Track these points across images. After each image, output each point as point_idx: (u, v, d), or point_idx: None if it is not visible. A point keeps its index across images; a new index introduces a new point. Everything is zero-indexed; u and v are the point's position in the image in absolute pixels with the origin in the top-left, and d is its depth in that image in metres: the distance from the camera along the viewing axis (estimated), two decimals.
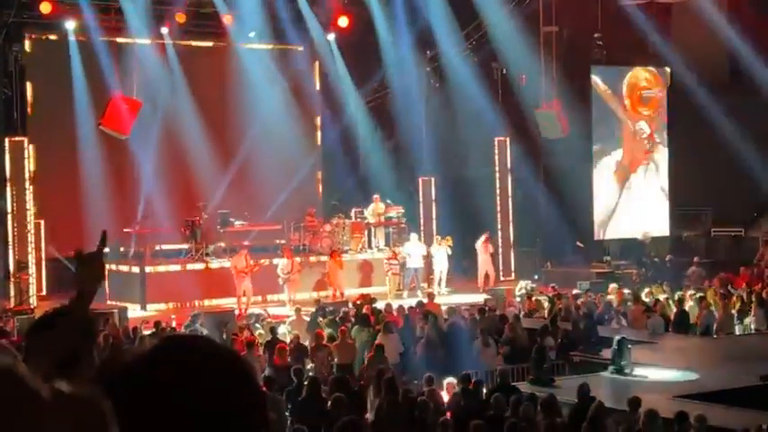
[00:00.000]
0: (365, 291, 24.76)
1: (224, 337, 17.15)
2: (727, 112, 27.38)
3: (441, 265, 26.18)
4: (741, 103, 27.44)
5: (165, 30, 26.93)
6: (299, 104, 29.65)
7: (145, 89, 25.04)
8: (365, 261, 26.73)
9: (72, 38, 25.91)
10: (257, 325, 19.39)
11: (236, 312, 21.54)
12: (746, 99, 27.47)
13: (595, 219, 29.08)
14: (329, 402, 12.01)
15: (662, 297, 22.08)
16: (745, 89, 27.76)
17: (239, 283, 23.18)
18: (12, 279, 23.47)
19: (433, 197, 29.32)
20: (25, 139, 24.60)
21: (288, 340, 17.01)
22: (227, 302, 23.24)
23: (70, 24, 25.67)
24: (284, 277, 23.82)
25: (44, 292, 24.92)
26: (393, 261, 25.53)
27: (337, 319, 18.73)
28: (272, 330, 17.65)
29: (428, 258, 26.43)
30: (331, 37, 29.43)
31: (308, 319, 19.19)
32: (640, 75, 29.74)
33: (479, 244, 26.81)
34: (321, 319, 18.94)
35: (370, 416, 12.58)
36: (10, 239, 23.83)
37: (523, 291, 23.68)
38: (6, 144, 24.14)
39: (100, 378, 1.70)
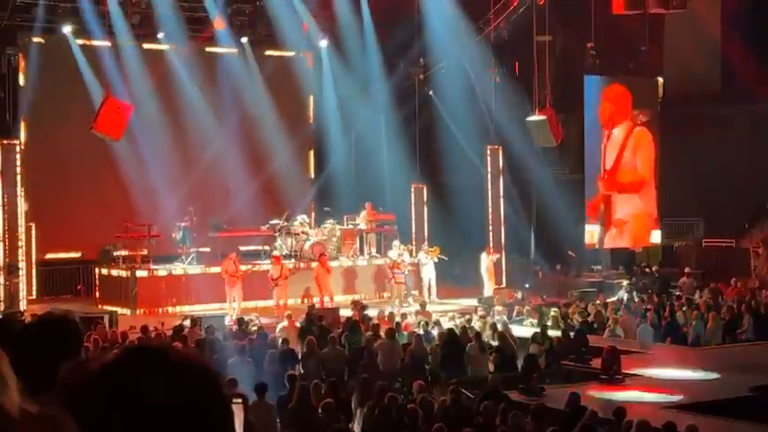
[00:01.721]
0: (355, 297, 24.72)
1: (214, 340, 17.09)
2: (718, 122, 27.46)
3: (429, 274, 26.17)
4: (733, 113, 27.52)
5: (160, 35, 26.97)
6: (293, 110, 29.69)
7: (138, 93, 25.02)
8: (354, 267, 26.71)
9: (66, 41, 25.89)
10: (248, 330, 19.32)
11: (227, 317, 21.48)
12: (738, 110, 27.55)
13: (587, 227, 29.08)
14: (319, 409, 12.00)
15: (651, 307, 22.09)
16: (736, 100, 27.82)
17: (229, 287, 23.13)
18: (2, 282, 23.38)
19: (425, 204, 29.33)
20: (17, 142, 24.55)
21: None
22: (218, 307, 23.19)
23: (66, 28, 25.66)
24: (272, 283, 23.74)
25: (34, 296, 24.86)
26: (397, 270, 25.36)
27: (328, 325, 18.72)
28: (263, 336, 17.60)
29: (415, 266, 26.42)
30: (324, 43, 29.48)
31: (299, 325, 19.14)
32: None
33: (484, 256, 26.81)
34: (313, 326, 18.89)
35: (356, 423, 12.57)
36: (0, 242, 23.75)
37: (516, 299, 23.66)
38: None
39: (63, 388, 1.69)
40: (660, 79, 29.68)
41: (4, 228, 23.80)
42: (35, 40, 26.07)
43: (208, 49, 27.97)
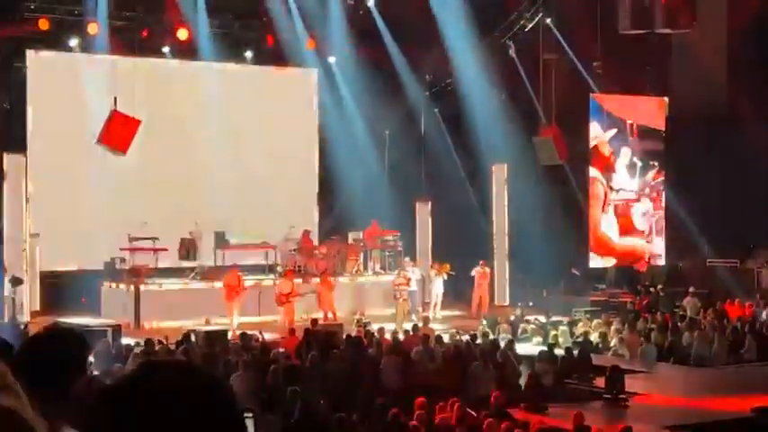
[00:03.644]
0: (358, 313, 24.69)
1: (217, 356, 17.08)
2: (724, 142, 27.47)
3: (437, 290, 26.17)
4: (738, 133, 27.53)
5: (166, 48, 27.04)
6: (299, 126, 29.75)
7: (145, 107, 25.07)
8: (359, 284, 26.71)
9: (73, 54, 25.98)
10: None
11: (230, 331, 21.44)
12: (744, 130, 27.55)
13: (591, 246, 29.09)
14: (323, 425, 11.99)
15: (655, 326, 22.06)
16: (742, 120, 27.83)
17: (228, 301, 23.13)
18: (5, 294, 23.41)
19: (430, 221, 29.34)
20: (23, 155, 24.61)
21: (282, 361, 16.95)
22: (222, 322, 23.17)
23: (73, 41, 25.74)
24: (284, 299, 23.66)
25: (38, 308, 24.85)
26: (404, 287, 25.26)
27: (331, 341, 18.71)
28: (266, 351, 17.59)
29: (424, 283, 26.43)
30: (333, 59, 29.56)
31: (301, 340, 19.14)
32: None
33: (476, 272, 26.83)
34: (316, 342, 18.87)
35: None
36: (5, 255, 23.78)
37: (515, 317, 23.62)
38: (5, 160, 24.15)
39: (79, 404, 1.70)
40: (666, 99, 29.72)
41: (9, 241, 23.86)
42: (42, 53, 26.16)
43: (215, 64, 28.02)
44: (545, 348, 18.60)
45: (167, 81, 27.41)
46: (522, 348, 19.36)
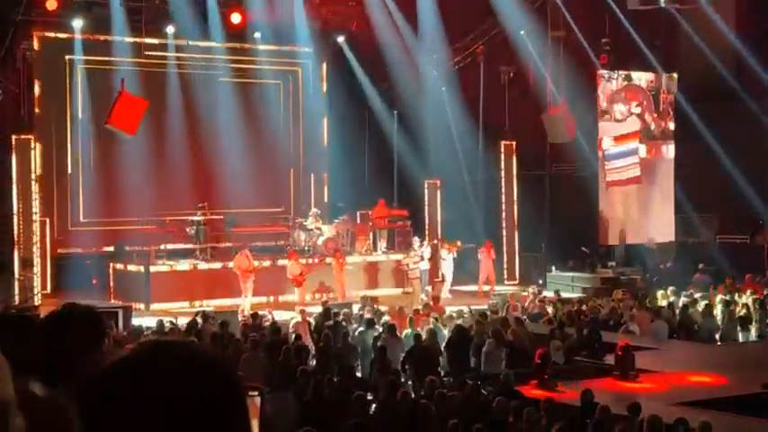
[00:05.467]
0: (368, 293, 24.74)
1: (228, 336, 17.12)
2: (733, 117, 27.36)
3: (447, 270, 26.18)
4: (748, 109, 27.43)
5: (171, 29, 26.95)
6: (307, 106, 29.71)
7: (151, 88, 25.06)
8: (370, 263, 26.72)
9: (79, 36, 25.96)
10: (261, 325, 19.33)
11: (241, 312, 21.50)
12: (753, 105, 27.45)
13: (600, 224, 29.05)
14: (333, 404, 12.02)
15: (666, 303, 22.06)
16: (751, 95, 27.72)
17: (244, 282, 23.16)
18: (16, 277, 23.50)
19: (439, 200, 29.31)
20: (32, 137, 24.63)
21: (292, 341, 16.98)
22: (231, 302, 23.24)
23: (77, 23, 25.70)
24: (301, 279, 23.70)
25: (48, 290, 24.93)
26: (414, 266, 25.27)
27: (342, 320, 18.75)
28: (276, 331, 17.63)
29: (434, 262, 26.44)
30: (341, 39, 29.48)
31: (312, 320, 19.18)
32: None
33: (481, 251, 26.86)
34: (327, 321, 18.92)
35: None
36: (15, 237, 23.84)
37: (525, 294, 23.63)
38: (13, 142, 24.18)
39: (83, 383, 1.70)
40: (675, 75, 29.61)
41: (19, 222, 23.92)
42: (49, 34, 26.12)
43: (222, 44, 27.96)
44: (555, 326, 18.62)
45: (174, 62, 27.36)
46: (531, 326, 19.37)
